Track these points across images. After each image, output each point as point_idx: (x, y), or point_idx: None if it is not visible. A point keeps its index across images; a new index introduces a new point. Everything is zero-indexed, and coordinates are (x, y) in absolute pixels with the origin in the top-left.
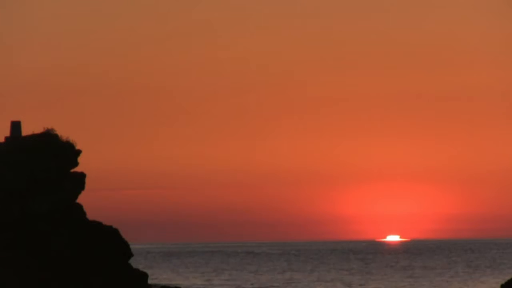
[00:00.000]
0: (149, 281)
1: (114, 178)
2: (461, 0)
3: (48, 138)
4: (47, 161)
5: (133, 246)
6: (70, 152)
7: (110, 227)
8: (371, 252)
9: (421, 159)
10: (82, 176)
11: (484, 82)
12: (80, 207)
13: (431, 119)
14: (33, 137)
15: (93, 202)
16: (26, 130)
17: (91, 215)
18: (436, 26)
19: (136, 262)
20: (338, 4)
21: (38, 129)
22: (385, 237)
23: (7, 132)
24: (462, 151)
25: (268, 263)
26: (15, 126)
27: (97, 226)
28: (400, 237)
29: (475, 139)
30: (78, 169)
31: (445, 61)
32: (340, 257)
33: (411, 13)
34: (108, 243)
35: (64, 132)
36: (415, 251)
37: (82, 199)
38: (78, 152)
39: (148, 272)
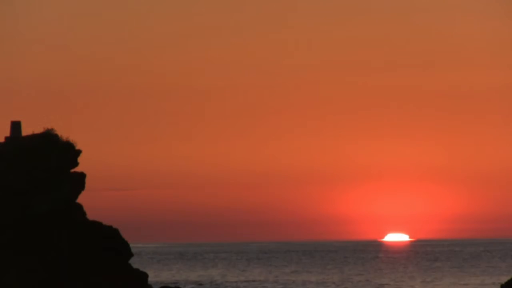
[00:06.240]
0: (149, 281)
1: (114, 178)
2: None
3: (48, 138)
4: (47, 161)
5: (133, 246)
6: (70, 152)
7: (110, 227)
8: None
9: (427, 159)
10: (82, 176)
11: (490, 82)
12: (80, 207)
13: (438, 118)
14: (33, 137)
15: (93, 202)
16: (26, 130)
17: (91, 215)
18: (439, 25)
19: (136, 262)
20: (339, 5)
21: (38, 129)
22: (386, 237)
23: (7, 132)
24: (469, 150)
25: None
26: (15, 126)
27: (97, 226)
28: (410, 237)
29: (483, 138)
30: (78, 169)
31: (450, 60)
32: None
33: (412, 13)
34: (108, 243)
35: (64, 132)
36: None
37: (82, 199)
38: (78, 152)
39: (148, 272)
